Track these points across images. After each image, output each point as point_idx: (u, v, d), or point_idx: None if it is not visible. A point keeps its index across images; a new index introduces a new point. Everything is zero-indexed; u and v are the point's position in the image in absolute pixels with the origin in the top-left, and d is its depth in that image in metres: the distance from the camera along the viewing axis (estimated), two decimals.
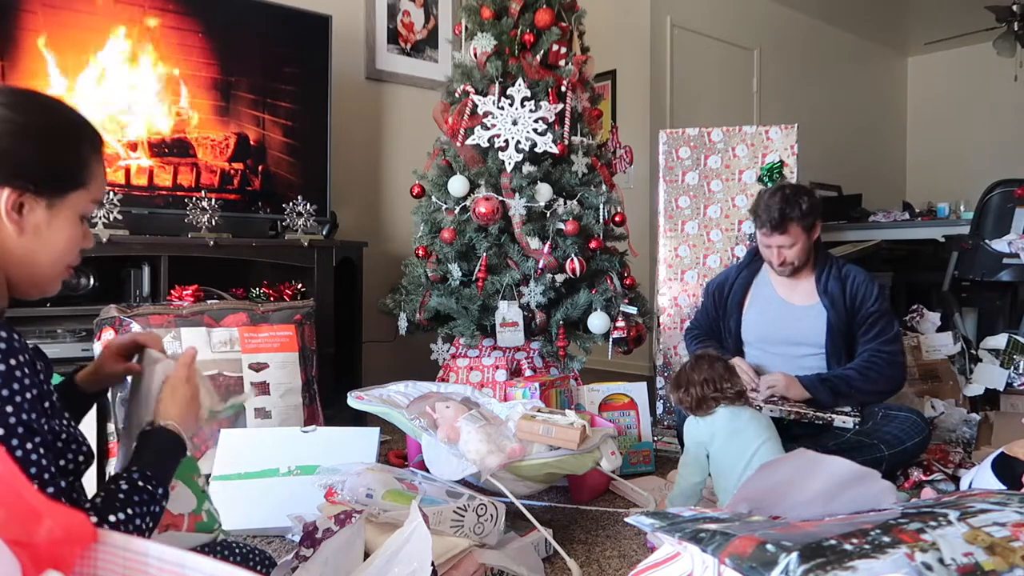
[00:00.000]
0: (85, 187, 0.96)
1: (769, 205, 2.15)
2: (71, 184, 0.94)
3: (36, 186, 0.90)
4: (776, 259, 2.22)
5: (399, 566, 1.10)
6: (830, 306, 2.22)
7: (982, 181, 3.71)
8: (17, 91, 0.96)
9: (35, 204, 0.91)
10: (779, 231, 2.15)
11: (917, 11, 5.81)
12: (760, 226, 2.20)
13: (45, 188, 0.91)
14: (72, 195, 0.94)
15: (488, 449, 1.63)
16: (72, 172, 0.95)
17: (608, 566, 1.60)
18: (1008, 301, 3.59)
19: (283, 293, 2.68)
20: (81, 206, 0.96)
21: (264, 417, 2.20)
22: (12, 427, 0.81)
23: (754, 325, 2.33)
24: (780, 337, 2.28)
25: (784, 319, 2.28)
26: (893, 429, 2.07)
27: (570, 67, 2.63)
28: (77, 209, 0.95)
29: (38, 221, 0.92)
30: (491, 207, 2.45)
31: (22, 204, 0.90)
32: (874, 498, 0.86)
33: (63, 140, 0.95)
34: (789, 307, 2.29)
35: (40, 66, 2.46)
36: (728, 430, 1.71)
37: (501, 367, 2.59)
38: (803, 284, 2.28)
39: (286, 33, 2.97)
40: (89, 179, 0.96)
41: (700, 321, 2.49)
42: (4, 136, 0.89)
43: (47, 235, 0.93)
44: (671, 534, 0.77)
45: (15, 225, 0.90)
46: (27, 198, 0.90)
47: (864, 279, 2.25)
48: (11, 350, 0.82)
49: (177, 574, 0.62)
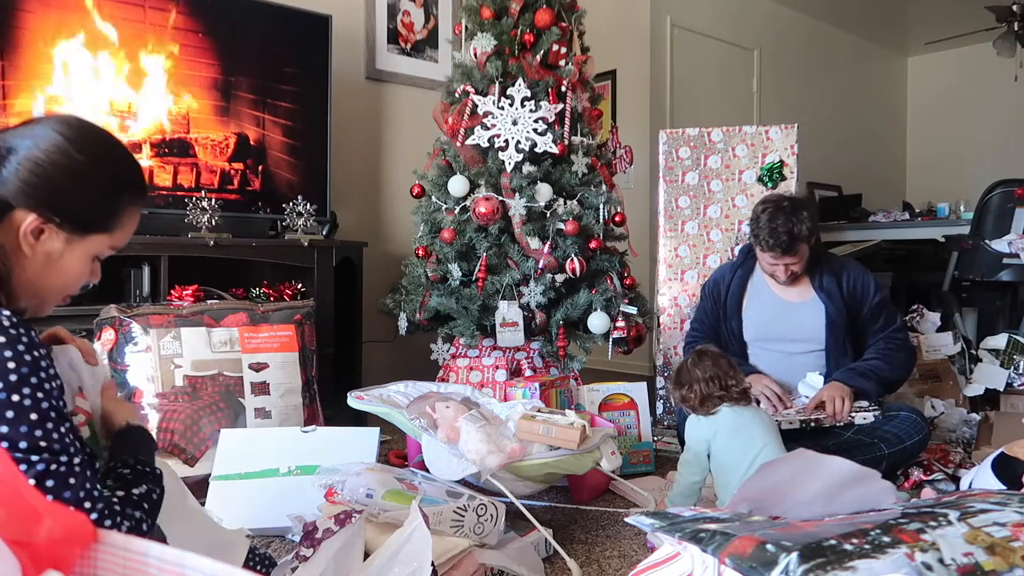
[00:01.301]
0: (109, 233, 0.99)
1: (775, 229, 2.08)
2: (96, 227, 0.97)
3: (61, 219, 0.93)
4: (784, 276, 2.19)
5: (399, 566, 1.10)
6: (828, 301, 2.21)
7: (982, 181, 3.71)
8: (82, 124, 0.98)
9: (54, 235, 0.93)
10: (790, 254, 2.12)
11: (917, 11, 5.81)
12: (767, 249, 2.13)
13: (69, 224, 0.94)
14: (93, 237, 0.97)
15: (488, 449, 1.63)
16: (102, 218, 0.97)
17: (608, 566, 1.60)
18: (1008, 301, 3.60)
19: (283, 293, 2.68)
20: (98, 248, 0.99)
21: (264, 417, 2.20)
22: (46, 412, 0.84)
23: (753, 324, 2.32)
24: (778, 334, 2.27)
25: (782, 316, 2.27)
26: (893, 428, 2.08)
27: (570, 67, 2.63)
28: (93, 250, 0.98)
29: (51, 251, 0.94)
30: (491, 207, 2.45)
31: (42, 231, 0.92)
32: (874, 498, 0.86)
33: (107, 187, 0.97)
34: (786, 304, 2.28)
35: (40, 66, 2.46)
36: (731, 428, 1.70)
37: (501, 367, 2.59)
38: (798, 282, 2.28)
39: (286, 33, 2.97)
40: (116, 227, 0.99)
41: (701, 322, 2.46)
42: (51, 167, 0.91)
43: (56, 265, 0.95)
44: (671, 534, 0.77)
45: (29, 248, 0.92)
46: (49, 227, 0.93)
47: (859, 272, 2.26)
48: (34, 344, 0.86)
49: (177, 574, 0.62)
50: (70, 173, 0.92)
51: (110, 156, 0.99)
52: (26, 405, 0.83)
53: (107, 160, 0.98)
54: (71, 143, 0.93)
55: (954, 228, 4.10)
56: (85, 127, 0.98)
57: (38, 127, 0.94)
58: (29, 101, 2.44)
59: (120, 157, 1.01)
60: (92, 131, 0.99)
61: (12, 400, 0.82)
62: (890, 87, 6.73)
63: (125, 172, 1.01)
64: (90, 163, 0.94)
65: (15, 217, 0.91)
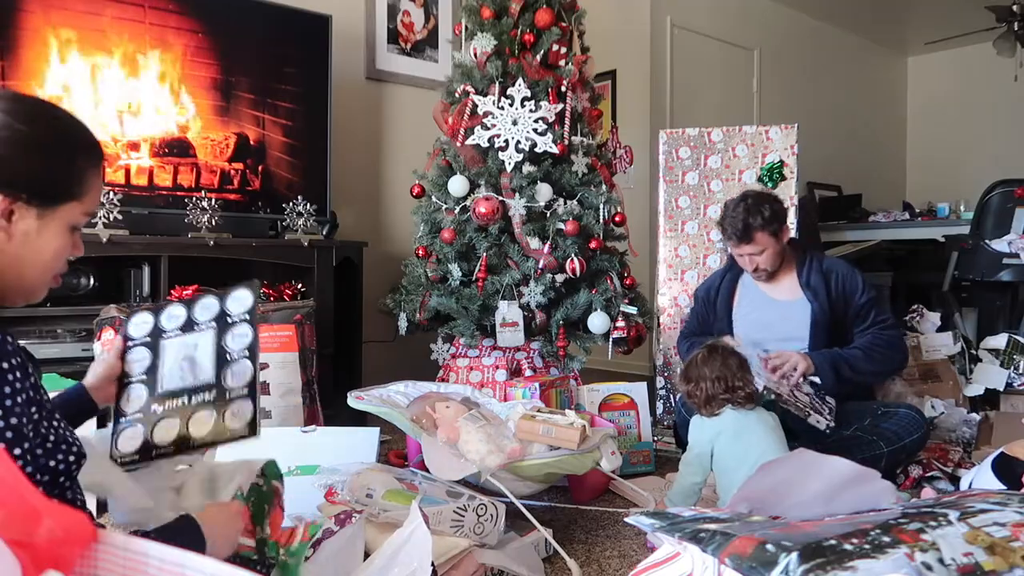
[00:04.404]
0: (78, 199, 0.96)
1: (733, 217, 2.16)
2: (64, 196, 0.94)
3: (28, 195, 0.91)
4: (749, 266, 2.24)
5: (399, 567, 1.10)
6: (813, 299, 2.23)
7: (982, 181, 3.71)
8: (20, 97, 0.97)
9: (25, 212, 0.91)
10: (745, 241, 2.17)
11: (917, 11, 5.81)
12: (727, 238, 2.22)
13: (37, 198, 0.92)
14: (64, 207, 0.94)
15: (488, 449, 1.63)
16: (66, 184, 0.95)
17: (608, 566, 1.60)
18: (1008, 301, 3.59)
19: (283, 293, 2.68)
20: (72, 217, 0.96)
21: (264, 417, 2.20)
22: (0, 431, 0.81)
23: (742, 324, 2.33)
24: (768, 333, 2.27)
25: (771, 315, 2.28)
26: (892, 426, 2.08)
27: (570, 67, 2.63)
28: (68, 220, 0.95)
29: (27, 229, 0.92)
30: (491, 207, 2.45)
31: (12, 212, 0.90)
32: (874, 498, 0.86)
33: (60, 152, 0.95)
34: (775, 303, 2.29)
35: (40, 66, 2.46)
36: (734, 431, 1.70)
37: (501, 367, 2.59)
38: (785, 281, 2.30)
39: (286, 33, 2.97)
40: (83, 192, 0.96)
41: (692, 327, 2.48)
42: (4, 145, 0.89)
43: (35, 244, 0.93)
44: (671, 534, 0.77)
45: (3, 232, 0.90)
46: (18, 206, 0.90)
47: (847, 271, 2.27)
48: (3, 353, 0.82)
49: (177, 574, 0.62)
50: (19, 146, 0.90)
51: (55, 123, 0.96)
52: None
53: (53, 126, 0.96)
54: (13, 116, 0.90)
55: (954, 228, 4.10)
56: (23, 98, 0.97)
57: None
58: None
59: (65, 121, 0.98)
60: (32, 101, 0.98)
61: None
62: (890, 87, 6.73)
63: (74, 134, 0.98)
64: (37, 132, 0.92)
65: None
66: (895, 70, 6.82)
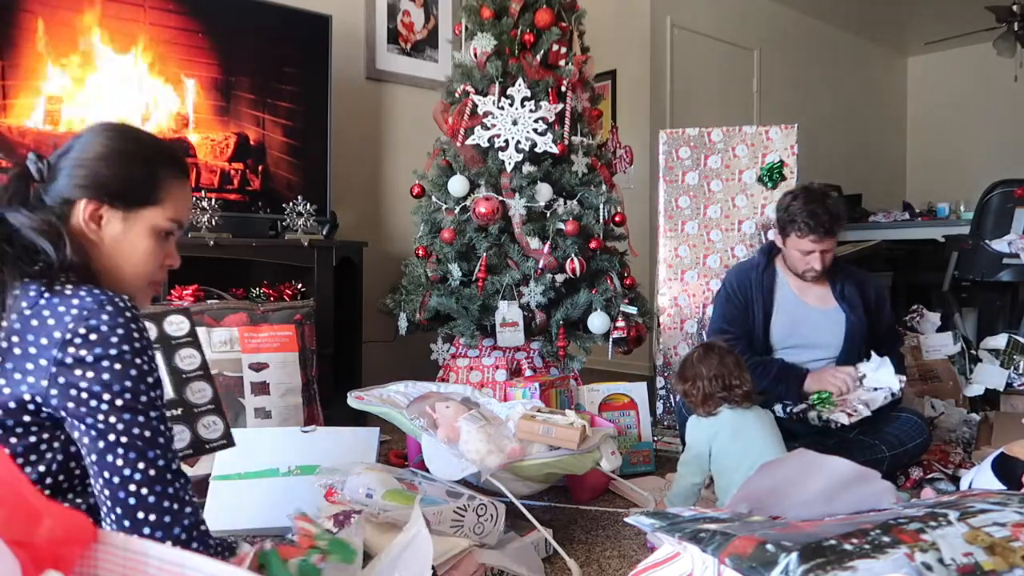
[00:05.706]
0: (159, 205, 1.07)
1: (814, 212, 2.05)
2: (144, 200, 1.06)
3: (111, 198, 1.03)
4: (819, 264, 2.13)
5: (399, 572, 1.10)
6: (849, 310, 2.19)
7: (982, 181, 3.71)
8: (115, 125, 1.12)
9: (111, 215, 1.04)
10: (830, 236, 2.09)
11: (917, 11, 5.81)
12: (806, 233, 2.07)
13: (119, 200, 1.04)
14: (145, 210, 1.06)
15: (488, 449, 1.63)
16: (145, 189, 1.06)
17: (608, 566, 1.60)
18: (1008, 301, 3.60)
19: (283, 293, 2.68)
20: (155, 221, 1.07)
21: (264, 417, 2.20)
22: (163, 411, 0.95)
23: (779, 329, 2.24)
24: (798, 340, 2.22)
25: (804, 322, 2.22)
26: (894, 430, 2.07)
27: (570, 67, 2.63)
28: (151, 223, 1.06)
29: (115, 232, 1.04)
30: (491, 207, 2.45)
31: (101, 216, 1.03)
32: (874, 498, 0.86)
33: (139, 161, 1.07)
34: (808, 308, 2.23)
35: (40, 66, 2.46)
36: (731, 430, 1.70)
37: (501, 367, 2.59)
38: (816, 287, 2.23)
39: (286, 33, 2.97)
40: (162, 198, 1.08)
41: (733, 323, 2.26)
42: (93, 159, 1.04)
43: (123, 245, 1.05)
44: (671, 534, 0.77)
45: (94, 234, 1.03)
46: (104, 209, 1.03)
47: (879, 286, 2.29)
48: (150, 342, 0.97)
49: (177, 574, 0.62)
50: (104, 157, 1.04)
51: (139, 137, 1.11)
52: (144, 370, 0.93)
53: (136, 140, 1.10)
54: (104, 135, 1.06)
55: (954, 228, 4.10)
56: (118, 124, 1.13)
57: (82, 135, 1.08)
58: (29, 101, 2.44)
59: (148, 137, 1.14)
60: (123, 125, 1.14)
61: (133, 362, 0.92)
62: (890, 87, 6.73)
63: (153, 147, 1.11)
64: (121, 145, 1.07)
65: (76, 209, 1.02)
66: (895, 70, 6.82)
